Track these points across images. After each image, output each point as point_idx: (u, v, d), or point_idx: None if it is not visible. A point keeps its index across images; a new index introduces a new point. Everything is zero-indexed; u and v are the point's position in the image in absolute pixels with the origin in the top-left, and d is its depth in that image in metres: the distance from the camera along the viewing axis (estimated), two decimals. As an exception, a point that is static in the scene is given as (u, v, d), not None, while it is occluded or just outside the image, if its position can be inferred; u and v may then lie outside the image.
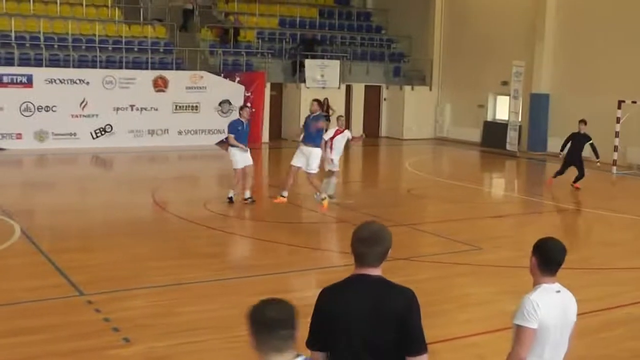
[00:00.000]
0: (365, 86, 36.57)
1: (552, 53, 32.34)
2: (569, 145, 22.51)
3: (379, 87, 37.22)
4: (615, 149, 27.22)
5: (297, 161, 17.46)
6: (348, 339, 4.62)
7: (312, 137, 17.42)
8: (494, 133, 33.85)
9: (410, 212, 18.27)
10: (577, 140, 22.22)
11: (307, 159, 17.31)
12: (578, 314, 5.63)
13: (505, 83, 33.31)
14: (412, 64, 38.67)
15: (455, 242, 15.28)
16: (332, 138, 18.94)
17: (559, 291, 5.46)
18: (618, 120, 27.23)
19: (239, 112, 19.39)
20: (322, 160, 18.10)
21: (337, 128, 19.50)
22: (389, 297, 4.64)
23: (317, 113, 17.52)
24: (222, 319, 10.02)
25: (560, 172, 22.49)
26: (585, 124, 22.37)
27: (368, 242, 4.71)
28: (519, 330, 5.26)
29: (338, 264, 12.93)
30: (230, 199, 18.29)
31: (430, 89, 37.53)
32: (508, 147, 32.00)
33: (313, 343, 4.77)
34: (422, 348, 4.65)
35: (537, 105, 32.32)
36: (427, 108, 36.98)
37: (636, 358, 9.50)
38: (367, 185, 20.26)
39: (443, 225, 16.89)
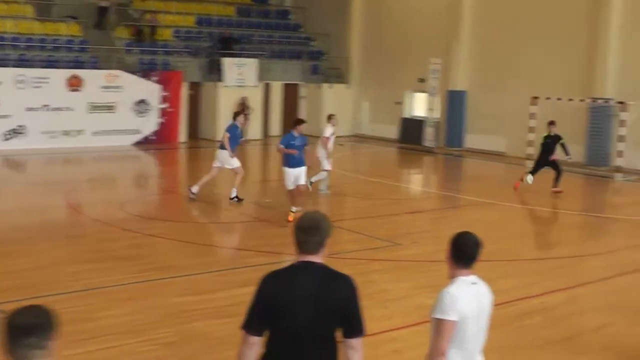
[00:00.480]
0: (284, 84, 36.55)
1: (468, 51, 32.85)
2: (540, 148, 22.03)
3: (297, 85, 37.25)
4: (530, 143, 27.79)
5: (291, 184, 16.83)
6: (289, 324, 4.82)
7: (300, 158, 16.88)
8: (411, 130, 34.23)
9: (329, 209, 18.32)
10: (551, 141, 21.73)
11: (298, 177, 16.88)
12: (495, 305, 5.74)
13: (422, 80, 33.70)
14: (330, 62, 38.79)
15: (373, 239, 15.40)
16: (327, 138, 20.32)
17: (475, 283, 5.55)
18: (532, 116, 27.81)
19: (234, 117, 19.18)
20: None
21: (332, 126, 20.54)
22: (333, 285, 4.93)
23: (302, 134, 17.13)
24: (140, 322, 9.91)
25: (533, 172, 21.98)
26: (555, 124, 22.04)
27: (308, 231, 4.95)
28: (438, 324, 5.32)
29: (256, 264, 12.86)
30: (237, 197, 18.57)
31: (349, 87, 37.75)
32: (425, 143, 32.40)
33: (251, 327, 4.90)
34: (361, 331, 4.97)
35: (454, 102, 32.83)
36: (345, 105, 37.11)
37: (551, 345, 9.73)
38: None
39: (361, 222, 17.00)
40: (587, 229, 18.48)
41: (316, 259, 4.99)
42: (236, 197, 18.54)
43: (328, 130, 20.66)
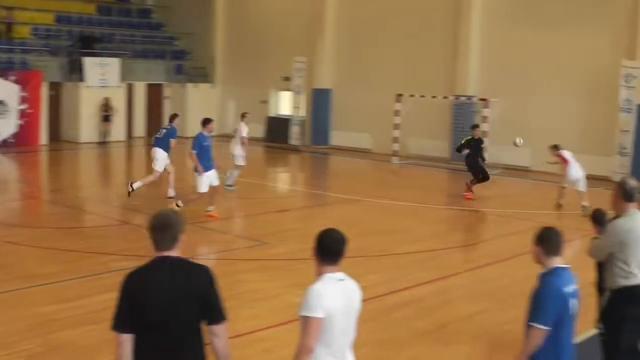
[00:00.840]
0: (147, 84, 35.87)
1: (332, 49, 33.09)
2: (466, 151, 21.57)
3: (161, 85, 36.63)
4: (395, 140, 28.26)
5: (206, 186, 16.97)
6: (153, 317, 5.03)
7: (211, 159, 17.25)
8: (277, 128, 34.24)
9: (194, 210, 18.03)
10: (476, 145, 21.51)
11: (212, 178, 17.03)
12: (364, 300, 5.68)
13: (287, 79, 33.76)
14: (194, 61, 38.36)
15: (241, 239, 15.24)
16: (245, 137, 21.30)
17: (342, 280, 5.49)
18: (397, 112, 28.30)
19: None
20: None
21: (245, 124, 21.70)
22: (190, 275, 5.17)
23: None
24: (7, 335, 9.42)
25: (475, 181, 21.48)
26: (479, 127, 22.10)
27: (160, 229, 5.21)
28: (305, 321, 5.24)
29: (121, 268, 12.46)
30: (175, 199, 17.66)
31: (213, 86, 37.43)
32: (292, 141, 32.43)
33: (120, 326, 5.08)
34: (223, 317, 5.23)
35: (319, 100, 32.99)
36: (210, 105, 36.79)
37: (420, 336, 9.81)
38: (151, 186, 19.78)
39: (229, 222, 16.83)
40: (453, 222, 18.85)
41: (172, 253, 5.19)
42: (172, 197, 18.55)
43: (245, 129, 21.65)
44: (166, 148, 19.43)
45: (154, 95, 36.23)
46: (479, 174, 21.31)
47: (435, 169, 27.17)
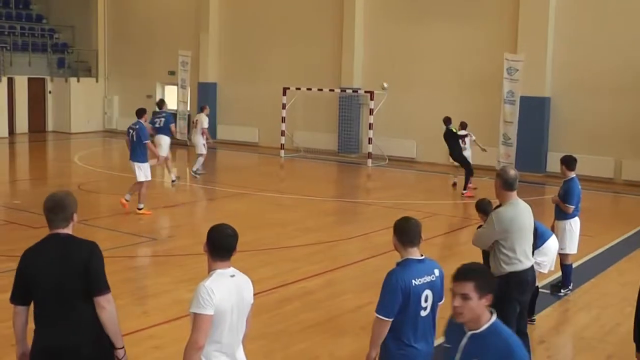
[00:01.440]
0: (29, 79, 34.86)
1: (217, 43, 32.93)
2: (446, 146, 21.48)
3: (44, 79, 35.69)
4: (283, 133, 28.33)
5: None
6: (42, 287, 5.53)
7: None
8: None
9: (82, 208, 17.66)
10: (453, 138, 21.15)
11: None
12: (256, 294, 5.71)
13: (172, 73, 33.42)
14: (77, 55, 37.50)
15: (130, 235, 15.02)
16: (206, 128, 23.08)
17: (233, 275, 5.51)
18: (284, 106, 28.39)
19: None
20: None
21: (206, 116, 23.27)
22: (75, 249, 5.62)
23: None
24: None
25: (469, 176, 20.88)
26: (451, 121, 21.60)
27: (54, 210, 5.70)
28: (195, 318, 5.24)
29: (6, 269, 12.16)
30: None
31: (97, 81, 36.72)
32: (178, 136, 32.06)
33: (14, 298, 5.68)
34: (105, 288, 5.59)
35: (205, 94, 32.75)
36: (94, 100, 36.17)
37: (311, 328, 9.89)
38: (35, 184, 19.28)
39: (118, 219, 16.55)
40: (342, 214, 19.05)
41: (65, 230, 5.70)
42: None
43: (205, 121, 23.15)
44: (168, 134, 21.64)
45: (37, 90, 35.25)
46: (468, 170, 20.93)
47: (323, 162, 27.38)
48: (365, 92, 27.77)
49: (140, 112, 17.48)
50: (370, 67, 28.90)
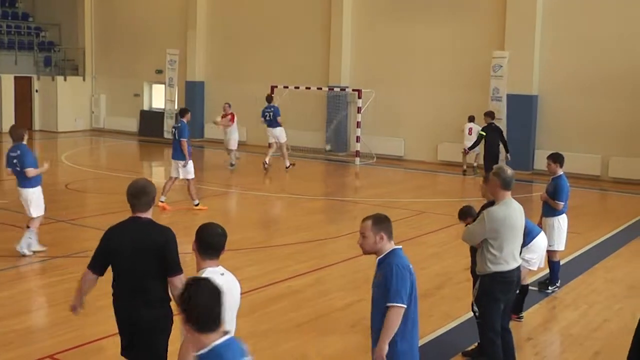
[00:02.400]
0: (15, 77, 34.74)
1: (205, 41, 32.88)
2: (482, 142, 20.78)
3: (30, 78, 35.55)
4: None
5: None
6: (122, 264, 6.36)
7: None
8: (151, 122, 33.82)
9: (70, 207, 17.63)
10: (493, 133, 20.64)
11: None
12: (244, 293, 5.73)
13: (160, 71, 33.37)
14: (63, 54, 37.40)
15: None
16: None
17: (223, 274, 5.53)
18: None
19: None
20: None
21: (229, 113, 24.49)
22: (153, 233, 6.44)
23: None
24: None
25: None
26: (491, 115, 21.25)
27: (137, 196, 6.59)
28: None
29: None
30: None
31: (84, 79, 36.61)
32: (166, 135, 32.04)
33: (92, 266, 6.57)
34: (179, 270, 6.33)
35: (193, 93, 32.74)
36: (82, 99, 36.05)
37: (299, 326, 9.91)
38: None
39: (104, 219, 16.45)
40: (330, 212, 19.07)
41: (145, 214, 6.57)
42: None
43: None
44: (277, 125, 23.98)
45: (23, 88, 35.13)
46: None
47: (311, 160, 27.39)
48: (353, 90, 27.78)
49: (183, 112, 18.10)
50: (357, 65, 28.92)
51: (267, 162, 23.84)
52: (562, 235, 11.78)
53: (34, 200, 13.09)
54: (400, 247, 6.17)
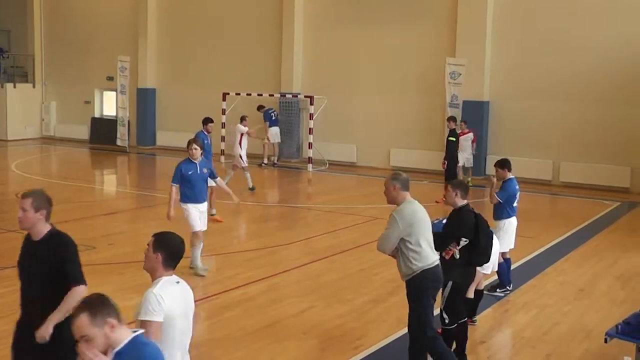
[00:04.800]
0: (-37, 85, 34.30)
1: (156, 48, 32.68)
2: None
3: (-22, 85, 35.09)
4: (223, 139, 28.21)
5: None
6: (25, 273, 6.54)
7: None
8: (102, 129, 33.54)
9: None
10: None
11: None
12: (197, 300, 5.73)
13: (111, 78, 33.11)
14: (12, 60, 36.89)
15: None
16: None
17: (178, 282, 5.52)
18: (224, 111, 28.31)
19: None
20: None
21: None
22: (51, 242, 6.43)
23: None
24: None
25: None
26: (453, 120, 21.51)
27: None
28: (145, 325, 5.21)
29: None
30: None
31: (34, 86, 36.15)
32: (118, 142, 31.80)
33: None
34: (76, 280, 6.32)
35: (144, 100, 32.52)
36: (32, 106, 35.60)
37: (253, 333, 9.88)
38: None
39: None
40: (283, 219, 19.05)
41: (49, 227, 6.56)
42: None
43: (242, 129, 21.21)
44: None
45: (-29, 96, 34.59)
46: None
47: (264, 167, 27.37)
48: (305, 96, 27.83)
49: (205, 121, 17.63)
50: (310, 71, 28.97)
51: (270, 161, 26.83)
52: (510, 237, 12.03)
53: None
54: None
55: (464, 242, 8.68)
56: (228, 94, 28.33)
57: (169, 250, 5.52)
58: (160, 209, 19.18)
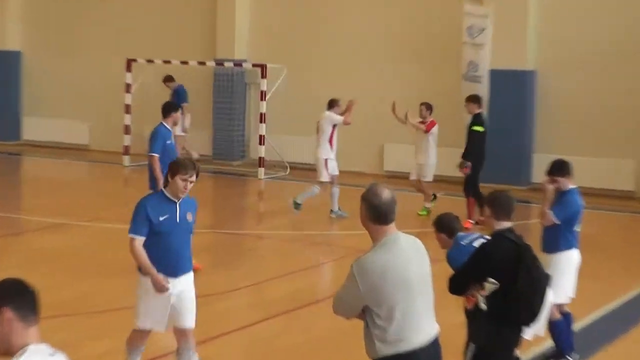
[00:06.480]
0: None
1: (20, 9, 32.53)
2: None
3: None
4: (127, 130, 28.03)
5: None
6: None
7: None
8: None
9: None
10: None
11: None
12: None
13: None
14: None
15: None
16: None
17: (52, 355, 5.37)
18: (128, 88, 27.99)
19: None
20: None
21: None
22: None
23: None
24: None
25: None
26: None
27: None
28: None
29: None
30: None
31: None
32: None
33: None
34: None
35: (2, 70, 32.27)
36: None
37: None
38: None
39: None
40: (220, 253, 18.99)
41: None
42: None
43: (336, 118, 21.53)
44: None
45: None
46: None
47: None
48: (254, 66, 27.69)
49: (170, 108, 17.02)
50: (261, 29, 28.93)
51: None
52: (570, 280, 11.74)
53: None
54: None
55: (492, 285, 8.34)
56: (135, 60, 28.13)
57: (19, 302, 5.35)
58: (27, 237, 19.02)
